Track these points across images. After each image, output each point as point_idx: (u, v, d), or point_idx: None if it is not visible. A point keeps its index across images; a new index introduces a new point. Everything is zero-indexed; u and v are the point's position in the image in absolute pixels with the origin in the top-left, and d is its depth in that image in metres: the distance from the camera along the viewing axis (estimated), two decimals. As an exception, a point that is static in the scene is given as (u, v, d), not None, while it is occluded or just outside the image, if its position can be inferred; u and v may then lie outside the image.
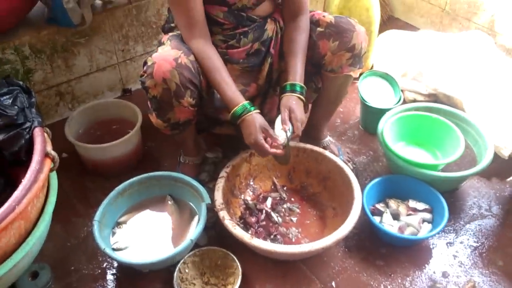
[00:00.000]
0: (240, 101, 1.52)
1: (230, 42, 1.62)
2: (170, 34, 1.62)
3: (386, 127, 1.86)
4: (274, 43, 1.69)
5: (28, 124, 1.41)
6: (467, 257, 1.66)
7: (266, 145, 1.50)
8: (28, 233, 1.32)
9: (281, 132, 1.55)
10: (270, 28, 1.67)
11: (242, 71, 1.68)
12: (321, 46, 1.64)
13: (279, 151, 1.52)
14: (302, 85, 1.59)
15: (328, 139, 1.98)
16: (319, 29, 1.64)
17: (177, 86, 1.47)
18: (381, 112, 1.97)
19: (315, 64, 1.69)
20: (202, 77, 1.54)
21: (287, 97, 1.58)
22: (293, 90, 1.58)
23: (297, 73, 1.59)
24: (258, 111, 1.53)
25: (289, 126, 1.54)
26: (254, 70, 1.70)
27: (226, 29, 1.62)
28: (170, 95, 1.49)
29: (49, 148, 1.41)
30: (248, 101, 1.53)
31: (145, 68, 1.51)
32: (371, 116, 2.09)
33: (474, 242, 1.71)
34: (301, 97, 1.58)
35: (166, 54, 1.48)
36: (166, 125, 1.59)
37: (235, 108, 1.51)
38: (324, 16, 1.65)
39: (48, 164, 1.36)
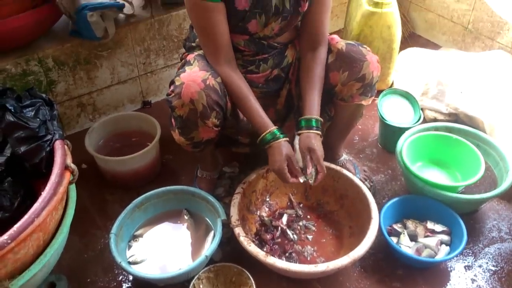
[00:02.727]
0: (269, 128, 1.53)
1: (250, 68, 1.63)
2: (196, 53, 1.61)
3: (405, 146, 1.84)
4: (293, 69, 1.68)
5: (49, 137, 1.43)
6: (486, 281, 1.63)
7: (288, 175, 1.52)
8: (46, 245, 1.34)
9: (301, 164, 1.56)
10: (290, 54, 1.67)
11: (259, 96, 1.66)
12: (331, 77, 1.63)
13: (298, 180, 1.54)
14: (318, 118, 1.58)
15: (344, 157, 1.96)
16: (329, 58, 1.63)
17: (204, 107, 1.47)
18: (400, 130, 1.96)
19: (326, 92, 1.66)
20: (227, 99, 1.55)
21: (306, 135, 1.56)
22: (309, 126, 1.56)
23: (313, 107, 1.58)
24: (286, 138, 1.54)
25: (311, 169, 1.54)
26: (273, 95, 1.70)
27: (246, 55, 1.62)
28: (196, 116, 1.49)
29: (69, 161, 1.42)
30: (277, 127, 1.54)
31: (172, 87, 1.51)
32: (390, 134, 2.07)
33: (493, 266, 1.68)
34: (318, 132, 1.57)
35: (195, 75, 1.48)
36: (189, 143, 1.59)
37: (264, 134, 1.53)
38: (336, 43, 1.63)
39: (67, 177, 1.38)
